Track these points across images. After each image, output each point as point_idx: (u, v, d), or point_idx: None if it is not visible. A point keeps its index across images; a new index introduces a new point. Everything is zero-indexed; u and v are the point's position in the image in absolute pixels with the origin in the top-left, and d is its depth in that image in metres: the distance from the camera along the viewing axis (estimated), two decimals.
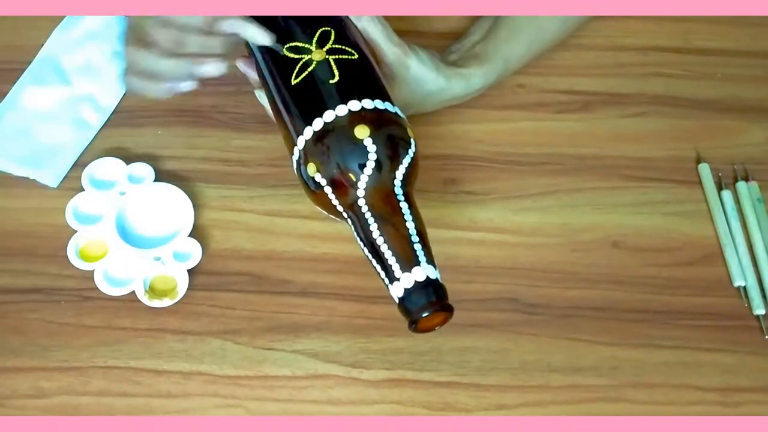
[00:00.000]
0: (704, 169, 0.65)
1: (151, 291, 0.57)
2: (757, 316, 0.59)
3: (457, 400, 0.55)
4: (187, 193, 0.61)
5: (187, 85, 0.54)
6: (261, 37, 0.54)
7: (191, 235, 0.60)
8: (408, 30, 0.65)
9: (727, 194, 0.64)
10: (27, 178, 0.63)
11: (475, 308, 0.58)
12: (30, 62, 0.68)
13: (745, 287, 0.60)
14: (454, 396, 0.55)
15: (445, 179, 0.64)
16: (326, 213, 0.54)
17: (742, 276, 0.60)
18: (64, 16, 0.71)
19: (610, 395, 0.55)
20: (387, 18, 0.59)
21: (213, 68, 0.53)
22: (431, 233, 0.51)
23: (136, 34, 0.54)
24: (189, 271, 0.58)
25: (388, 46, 0.58)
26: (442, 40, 0.68)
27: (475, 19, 0.69)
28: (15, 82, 0.67)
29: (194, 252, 0.59)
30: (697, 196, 0.64)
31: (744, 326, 0.58)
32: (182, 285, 0.57)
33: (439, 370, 0.56)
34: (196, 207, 0.61)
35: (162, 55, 0.52)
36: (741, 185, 0.64)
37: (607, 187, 0.64)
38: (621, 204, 0.64)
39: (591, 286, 0.60)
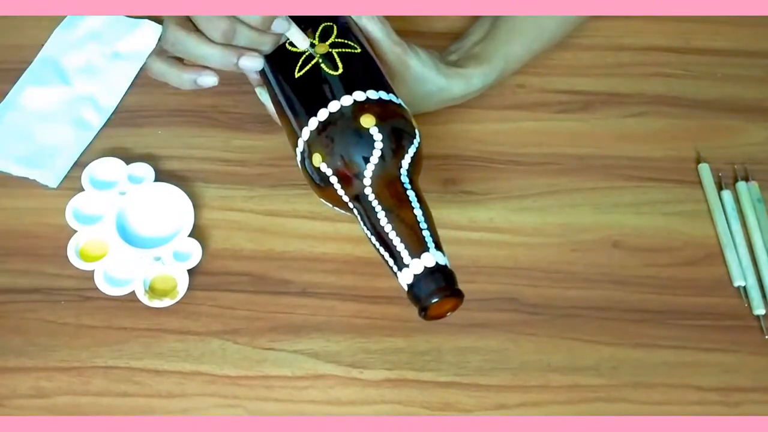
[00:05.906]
0: (704, 169, 0.65)
1: (151, 291, 0.57)
2: (757, 316, 0.59)
3: (457, 400, 0.55)
4: (187, 193, 0.61)
5: (211, 80, 0.53)
6: (301, 42, 0.54)
7: (191, 235, 0.60)
8: (408, 30, 0.65)
9: (727, 194, 0.64)
10: (27, 178, 0.63)
11: (475, 308, 0.58)
12: (30, 62, 0.68)
13: (745, 287, 0.60)
14: (454, 396, 0.55)
15: (445, 179, 0.64)
16: (331, 206, 0.54)
17: (742, 276, 0.60)
18: (65, 16, 0.71)
19: (610, 395, 0.55)
20: (387, 18, 0.59)
21: (255, 62, 0.53)
22: None
23: (185, 15, 0.53)
24: (189, 271, 0.58)
25: (388, 45, 0.58)
26: (442, 40, 0.68)
27: (475, 19, 0.69)
28: (15, 82, 0.67)
29: (194, 252, 0.59)
30: (697, 196, 0.64)
31: (744, 326, 0.58)
32: (182, 285, 0.57)
33: (439, 370, 0.56)
34: (196, 207, 0.61)
35: (206, 41, 0.52)
36: (741, 185, 0.64)
37: (607, 187, 0.64)
38: (621, 204, 0.64)
39: (591, 286, 0.60)
